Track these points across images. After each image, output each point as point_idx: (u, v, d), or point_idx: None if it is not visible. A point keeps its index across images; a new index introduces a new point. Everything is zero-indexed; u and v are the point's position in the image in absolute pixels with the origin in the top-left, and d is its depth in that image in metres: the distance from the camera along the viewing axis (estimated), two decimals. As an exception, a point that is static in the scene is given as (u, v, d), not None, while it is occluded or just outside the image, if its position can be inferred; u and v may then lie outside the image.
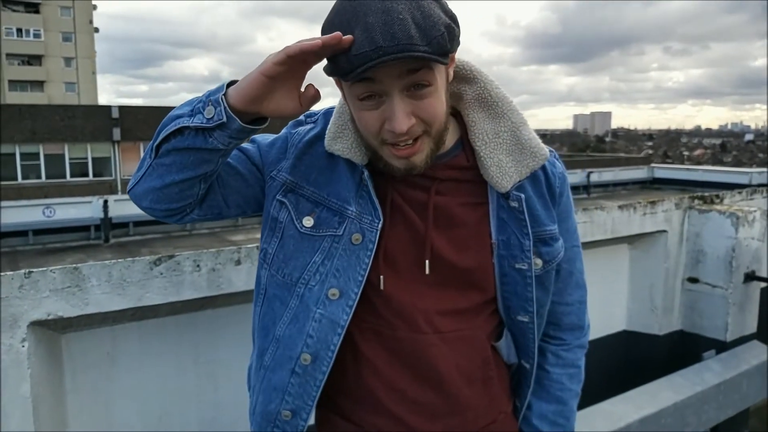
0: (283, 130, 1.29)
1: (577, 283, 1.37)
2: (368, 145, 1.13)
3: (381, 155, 1.11)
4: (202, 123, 1.06)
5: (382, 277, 1.18)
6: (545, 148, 1.22)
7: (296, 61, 0.99)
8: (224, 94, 1.05)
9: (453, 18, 1.03)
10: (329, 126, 1.21)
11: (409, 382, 1.20)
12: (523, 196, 1.19)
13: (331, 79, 1.09)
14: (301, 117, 1.28)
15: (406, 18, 0.96)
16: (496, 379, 1.29)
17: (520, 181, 1.19)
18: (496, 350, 1.30)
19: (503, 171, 1.18)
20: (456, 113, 1.23)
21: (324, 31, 1.03)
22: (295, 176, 1.22)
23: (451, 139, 1.19)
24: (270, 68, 1.00)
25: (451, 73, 1.13)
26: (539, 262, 1.23)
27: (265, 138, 1.29)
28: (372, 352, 1.21)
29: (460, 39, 1.07)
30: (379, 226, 1.17)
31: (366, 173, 1.18)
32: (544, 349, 1.37)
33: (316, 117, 1.28)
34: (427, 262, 1.17)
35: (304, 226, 1.19)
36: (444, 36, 0.98)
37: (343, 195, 1.19)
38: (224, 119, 1.04)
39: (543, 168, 1.24)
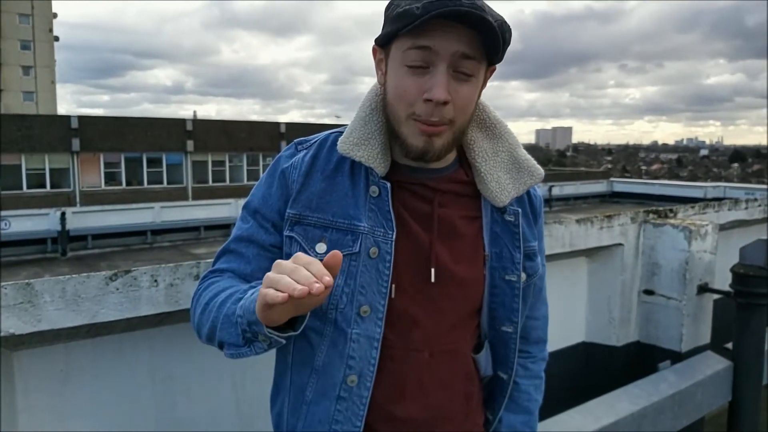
0: (272, 166, 1.29)
1: (543, 299, 1.46)
2: (395, 122, 1.15)
3: (402, 132, 1.14)
4: (262, 349, 1.07)
5: (393, 286, 1.20)
6: (540, 169, 1.30)
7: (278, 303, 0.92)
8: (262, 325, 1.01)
9: (509, 27, 1.12)
10: (349, 131, 1.21)
11: (397, 401, 1.22)
12: (519, 210, 1.28)
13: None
14: (292, 146, 1.29)
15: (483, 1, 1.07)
16: (475, 393, 1.34)
17: (515, 198, 1.27)
18: (475, 363, 1.34)
19: (502, 187, 1.25)
20: None
21: (392, 0, 1.11)
22: (298, 208, 1.22)
23: (452, 156, 1.25)
24: (263, 315, 0.98)
25: (485, 86, 1.20)
26: (524, 276, 1.29)
27: (259, 201, 1.27)
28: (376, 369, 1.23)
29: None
30: (393, 237, 1.18)
31: (387, 187, 1.19)
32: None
33: (312, 142, 1.28)
34: (432, 270, 1.20)
35: (318, 252, 1.19)
36: (505, 26, 1.08)
37: (349, 213, 1.19)
38: (280, 340, 1.04)
39: (528, 190, 1.32)
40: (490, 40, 1.06)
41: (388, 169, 1.21)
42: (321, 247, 1.19)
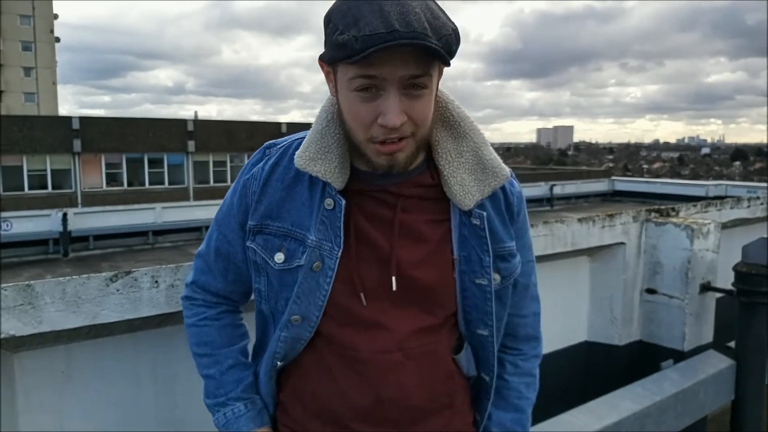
0: (239, 174, 1.31)
1: (532, 296, 1.41)
2: (354, 142, 1.14)
3: (364, 152, 1.12)
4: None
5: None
6: (506, 168, 1.25)
7: None
8: None
9: (456, 28, 1.08)
10: (306, 146, 1.20)
11: (372, 401, 1.22)
12: (484, 213, 1.23)
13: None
14: (260, 151, 1.30)
15: (420, 13, 1.01)
16: (459, 392, 1.33)
17: (481, 200, 1.22)
18: (457, 363, 1.32)
19: (466, 190, 1.20)
20: None
21: (331, 18, 1.06)
22: (258, 218, 1.24)
23: (420, 158, 1.21)
24: None
25: (438, 84, 1.17)
26: (498, 277, 1.26)
27: (224, 213, 1.32)
28: (339, 373, 1.24)
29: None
30: (339, 253, 1.19)
31: (342, 202, 1.18)
32: (503, 360, 1.40)
33: (279, 147, 1.28)
34: (393, 278, 1.19)
35: (276, 263, 1.23)
36: (452, 36, 1.04)
37: (305, 223, 1.21)
38: None
39: (502, 188, 1.27)
40: (438, 56, 1.03)
41: (346, 180, 1.19)
42: (279, 257, 1.22)
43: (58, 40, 59.59)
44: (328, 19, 1.06)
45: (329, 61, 1.09)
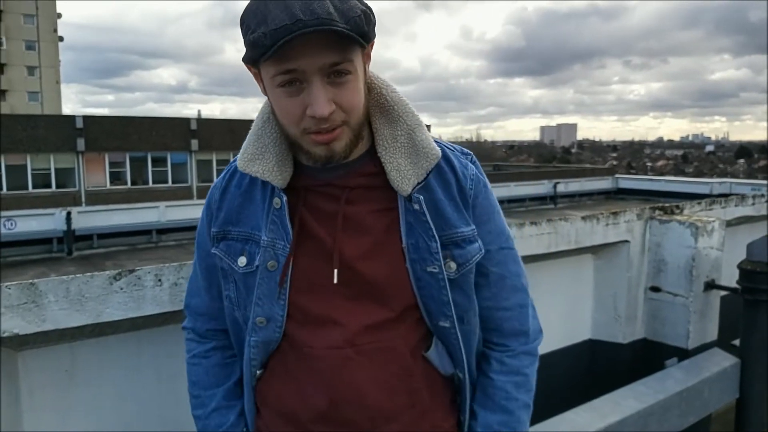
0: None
1: (513, 287, 1.33)
2: (290, 138, 1.14)
3: (302, 145, 1.13)
4: None
5: (293, 295, 1.20)
6: (437, 149, 1.21)
7: None
8: None
9: (368, 8, 1.07)
10: (244, 147, 1.22)
11: (327, 401, 1.20)
12: (422, 197, 1.19)
13: None
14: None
15: (325, 0, 1.00)
16: (425, 391, 1.26)
17: (419, 183, 1.19)
18: (427, 361, 1.27)
19: (402, 174, 1.18)
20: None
21: (244, 19, 1.06)
22: (219, 225, 1.28)
23: (362, 148, 1.21)
24: None
25: (368, 68, 1.17)
26: (453, 265, 1.21)
27: (198, 232, 1.37)
28: (298, 372, 1.23)
29: (372, 33, 1.11)
30: (289, 249, 1.19)
31: (284, 198, 1.19)
32: (488, 356, 1.34)
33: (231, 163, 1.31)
34: (335, 271, 1.17)
35: (240, 266, 1.24)
36: (361, 18, 1.03)
37: (260, 225, 1.22)
38: None
39: (453, 170, 1.24)
40: (351, 39, 1.02)
41: (289, 178, 1.20)
42: (242, 260, 1.24)
43: (61, 39, 59.69)
44: (242, 21, 1.06)
45: (249, 61, 1.09)
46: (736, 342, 3.06)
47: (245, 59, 1.10)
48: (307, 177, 1.21)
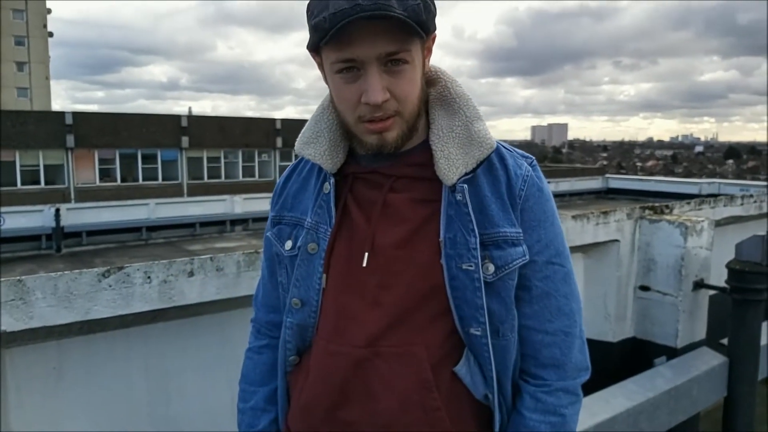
0: None
1: (559, 309, 1.20)
2: (346, 125, 1.16)
3: (356, 133, 1.14)
4: None
5: (324, 277, 1.19)
6: (492, 140, 1.18)
7: None
8: None
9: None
10: (302, 132, 1.25)
11: (339, 400, 1.16)
12: (466, 186, 1.14)
13: None
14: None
15: None
16: (446, 412, 1.14)
17: (467, 174, 1.15)
18: (456, 378, 1.16)
19: (451, 162, 1.15)
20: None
21: (309, 5, 1.08)
22: (277, 210, 1.31)
23: (416, 140, 1.20)
24: None
25: (428, 62, 1.17)
26: (491, 267, 1.13)
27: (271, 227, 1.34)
28: (316, 367, 1.21)
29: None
30: (329, 232, 1.19)
31: (332, 182, 1.21)
32: (522, 389, 1.22)
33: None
34: (365, 255, 1.15)
35: (286, 249, 1.25)
36: (420, 6, 1.04)
37: (308, 209, 1.23)
38: None
39: (506, 168, 1.18)
40: (409, 27, 1.03)
41: (340, 164, 1.21)
42: (288, 244, 1.25)
43: (51, 35, 59.24)
44: (308, 7, 1.09)
45: (312, 47, 1.11)
46: (725, 341, 3.08)
47: (309, 46, 1.12)
48: (356, 164, 1.22)
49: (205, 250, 19.00)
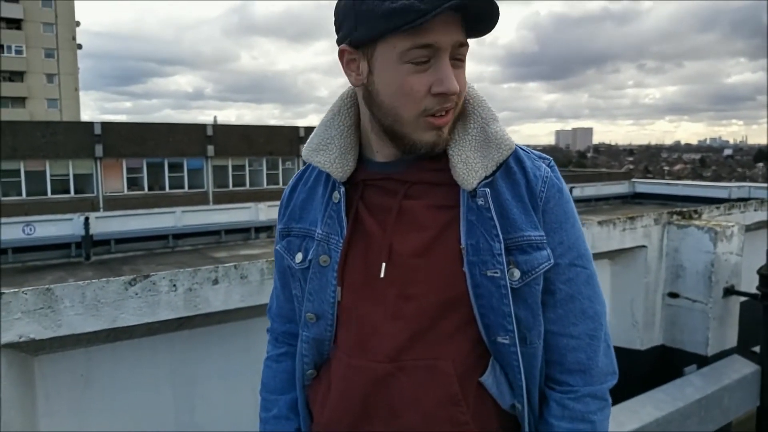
0: None
1: (583, 312, 1.16)
2: (394, 121, 1.08)
3: (406, 132, 1.08)
4: None
5: (342, 293, 1.14)
6: (510, 141, 1.14)
7: None
8: None
9: None
10: (311, 138, 1.21)
11: (360, 418, 1.13)
12: (488, 191, 1.10)
13: None
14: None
15: None
16: (474, 425, 1.11)
17: (487, 178, 1.10)
18: (482, 388, 1.13)
19: (469, 167, 1.10)
20: None
21: None
22: (285, 222, 1.27)
23: None
24: None
25: None
26: (517, 272, 1.09)
27: (280, 239, 1.31)
28: (336, 382, 1.17)
29: None
30: (341, 244, 1.15)
31: (342, 191, 1.16)
32: (548, 397, 1.18)
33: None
34: (383, 265, 1.10)
35: (296, 262, 1.21)
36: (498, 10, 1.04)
37: (318, 220, 1.19)
38: None
39: (524, 170, 1.14)
40: (493, 23, 1.03)
41: (350, 172, 1.16)
42: (299, 257, 1.21)
43: (80, 47, 60.44)
44: None
45: (374, 35, 1.03)
46: (756, 349, 3.01)
47: (356, 39, 1.06)
48: (367, 171, 1.17)
49: (230, 257, 19.16)
